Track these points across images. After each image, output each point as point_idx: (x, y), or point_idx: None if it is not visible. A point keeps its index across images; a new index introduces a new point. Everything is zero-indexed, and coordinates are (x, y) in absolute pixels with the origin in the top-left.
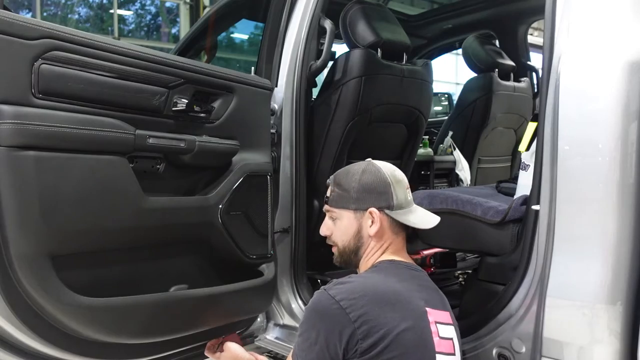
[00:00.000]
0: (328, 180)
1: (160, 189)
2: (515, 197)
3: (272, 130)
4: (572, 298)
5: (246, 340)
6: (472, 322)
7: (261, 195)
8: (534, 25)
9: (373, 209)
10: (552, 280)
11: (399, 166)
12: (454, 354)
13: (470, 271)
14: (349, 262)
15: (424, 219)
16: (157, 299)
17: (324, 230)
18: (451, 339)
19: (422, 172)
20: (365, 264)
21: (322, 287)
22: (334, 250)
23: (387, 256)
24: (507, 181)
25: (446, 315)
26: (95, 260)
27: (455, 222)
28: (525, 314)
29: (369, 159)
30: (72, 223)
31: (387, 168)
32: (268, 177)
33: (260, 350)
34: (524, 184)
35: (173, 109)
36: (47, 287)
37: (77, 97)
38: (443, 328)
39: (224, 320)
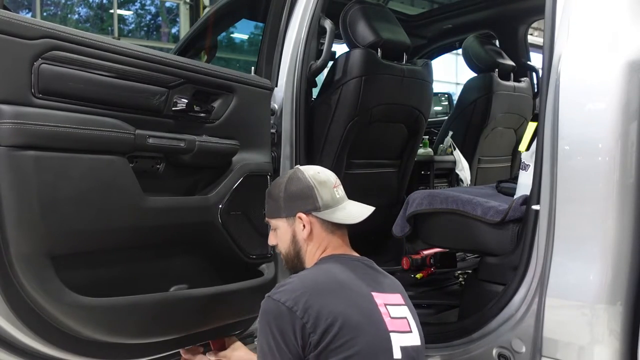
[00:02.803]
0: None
1: (160, 188)
2: (515, 197)
3: (272, 130)
4: (572, 298)
5: (246, 340)
6: (472, 322)
7: (261, 195)
8: (534, 25)
9: (301, 214)
10: (552, 280)
11: (399, 166)
12: (410, 332)
13: (470, 271)
14: (295, 267)
15: (352, 214)
16: (157, 298)
17: (271, 240)
18: (405, 317)
19: (422, 172)
20: (309, 265)
21: (266, 294)
22: (282, 257)
23: (328, 253)
24: (507, 181)
25: (396, 297)
26: (95, 260)
27: (455, 222)
28: (525, 314)
29: (297, 166)
30: (72, 223)
31: (311, 172)
32: (268, 177)
33: None
34: (524, 184)
35: (173, 108)
36: (47, 287)
37: (77, 96)
38: (394, 309)
39: (224, 320)
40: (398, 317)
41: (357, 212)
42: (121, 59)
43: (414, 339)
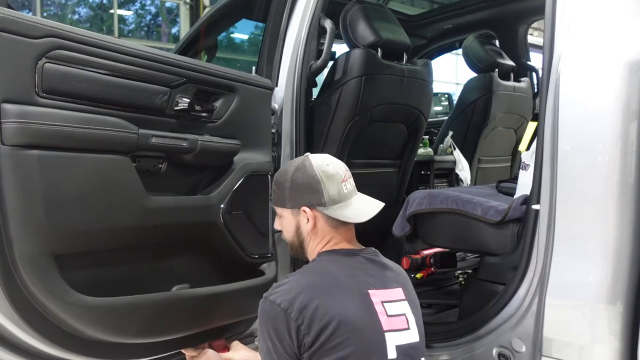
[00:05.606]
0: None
1: (162, 188)
2: (515, 196)
3: (273, 130)
4: (572, 298)
5: (246, 340)
6: (472, 322)
7: (262, 195)
8: (534, 25)
9: (305, 208)
10: (552, 280)
11: (399, 166)
12: (408, 329)
13: (470, 271)
14: (299, 254)
15: (360, 211)
16: (159, 298)
17: (277, 225)
18: (403, 314)
19: (422, 172)
20: (311, 258)
21: (264, 295)
22: (287, 244)
23: (329, 248)
24: (507, 181)
25: (396, 292)
26: (98, 259)
27: (455, 222)
28: (525, 314)
29: (307, 153)
30: (75, 222)
31: (320, 163)
32: (269, 176)
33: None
34: (524, 184)
35: (175, 108)
36: (51, 286)
37: (80, 96)
38: (391, 306)
39: (226, 319)
40: (395, 314)
41: (364, 209)
42: (124, 59)
43: (411, 335)
